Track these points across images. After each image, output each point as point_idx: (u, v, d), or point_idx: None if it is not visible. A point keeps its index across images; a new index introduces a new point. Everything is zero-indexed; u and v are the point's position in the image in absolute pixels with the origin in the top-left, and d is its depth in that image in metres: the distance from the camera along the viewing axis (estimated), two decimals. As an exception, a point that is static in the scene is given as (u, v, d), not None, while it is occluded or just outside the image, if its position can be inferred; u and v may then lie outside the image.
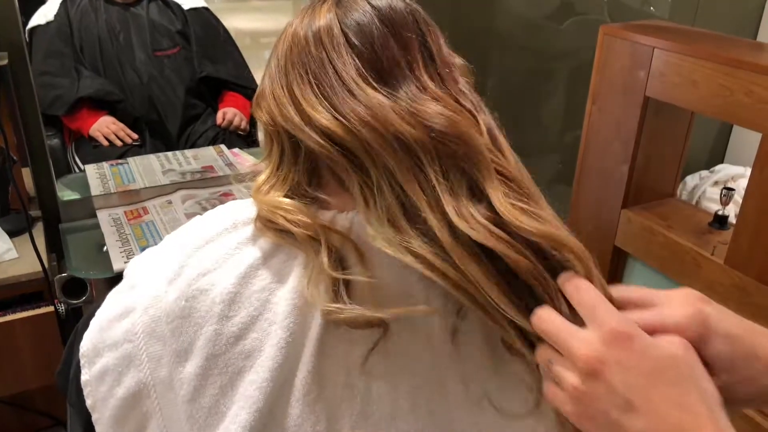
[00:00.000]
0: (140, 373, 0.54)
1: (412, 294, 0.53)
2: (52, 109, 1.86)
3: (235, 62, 2.14)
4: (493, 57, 2.20)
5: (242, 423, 0.52)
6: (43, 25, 1.89)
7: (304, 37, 0.57)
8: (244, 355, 0.53)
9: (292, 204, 0.54)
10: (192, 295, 0.54)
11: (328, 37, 0.56)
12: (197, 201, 1.59)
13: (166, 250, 0.59)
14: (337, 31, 0.56)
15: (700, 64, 1.43)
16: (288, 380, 0.52)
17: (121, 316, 0.56)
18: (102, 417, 0.56)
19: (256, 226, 0.56)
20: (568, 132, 2.43)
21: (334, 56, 0.55)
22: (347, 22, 0.56)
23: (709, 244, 1.53)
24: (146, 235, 1.43)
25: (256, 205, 0.57)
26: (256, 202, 0.57)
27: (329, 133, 0.52)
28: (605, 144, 1.71)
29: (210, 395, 0.53)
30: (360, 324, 0.51)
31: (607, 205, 1.74)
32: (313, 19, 0.57)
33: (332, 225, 0.54)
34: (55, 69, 1.87)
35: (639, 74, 1.57)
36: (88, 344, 0.58)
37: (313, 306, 0.52)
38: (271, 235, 0.55)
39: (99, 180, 1.63)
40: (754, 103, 1.33)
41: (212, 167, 1.73)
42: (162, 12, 2.03)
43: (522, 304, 0.48)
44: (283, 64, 0.58)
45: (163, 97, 1.99)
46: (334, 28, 0.56)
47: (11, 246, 1.51)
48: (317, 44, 0.56)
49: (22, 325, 1.44)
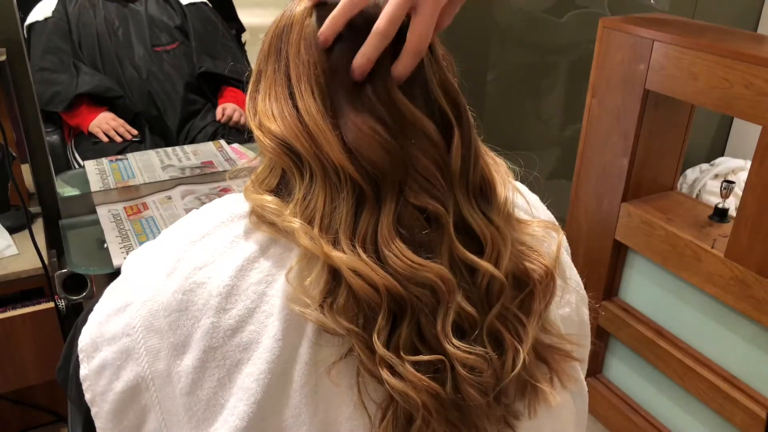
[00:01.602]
0: (138, 367, 0.54)
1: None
2: (51, 105, 1.86)
3: (235, 57, 2.14)
4: (493, 51, 2.20)
5: (240, 415, 0.52)
6: (41, 21, 1.89)
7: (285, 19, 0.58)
8: (242, 347, 0.52)
9: (275, 201, 0.55)
10: (189, 288, 0.54)
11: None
12: (197, 196, 1.59)
13: (162, 244, 0.59)
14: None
15: (700, 56, 1.43)
16: (286, 371, 0.52)
17: (119, 310, 0.56)
18: (101, 411, 0.56)
19: (251, 220, 0.56)
20: (568, 125, 2.42)
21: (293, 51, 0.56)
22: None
23: (710, 237, 1.53)
24: (146, 230, 1.43)
25: (248, 201, 0.57)
26: (246, 199, 0.57)
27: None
28: (605, 137, 1.71)
29: (208, 388, 0.53)
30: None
31: (607, 199, 1.74)
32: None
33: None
34: (54, 65, 1.86)
35: (639, 67, 1.57)
36: (87, 339, 0.58)
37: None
38: (266, 228, 0.55)
39: (98, 176, 1.63)
40: (754, 95, 1.33)
41: (212, 162, 1.73)
42: (161, 7, 2.03)
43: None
44: (265, 49, 0.59)
45: (163, 93, 1.99)
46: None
47: (11, 242, 1.51)
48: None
49: (23, 321, 1.44)
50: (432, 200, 0.53)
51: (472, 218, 0.54)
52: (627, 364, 1.86)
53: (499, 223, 0.56)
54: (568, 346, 0.60)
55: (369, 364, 0.50)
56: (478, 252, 0.54)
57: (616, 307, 1.79)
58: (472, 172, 0.56)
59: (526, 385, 0.57)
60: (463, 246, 0.53)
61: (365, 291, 0.50)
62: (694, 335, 1.63)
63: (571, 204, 1.87)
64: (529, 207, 0.66)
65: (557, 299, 0.62)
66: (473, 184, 0.56)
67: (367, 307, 0.50)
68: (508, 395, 0.56)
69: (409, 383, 0.50)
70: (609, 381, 1.94)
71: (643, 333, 1.71)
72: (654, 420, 1.80)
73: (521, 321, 0.55)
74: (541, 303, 0.56)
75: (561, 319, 0.63)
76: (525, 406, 0.57)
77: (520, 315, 0.55)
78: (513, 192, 0.60)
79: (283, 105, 0.55)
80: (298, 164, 0.54)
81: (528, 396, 0.57)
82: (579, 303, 0.67)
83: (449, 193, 0.54)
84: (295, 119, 0.54)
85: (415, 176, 0.53)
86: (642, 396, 1.84)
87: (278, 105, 0.56)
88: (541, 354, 0.58)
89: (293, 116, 0.54)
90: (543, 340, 0.58)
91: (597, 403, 1.92)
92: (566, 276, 0.65)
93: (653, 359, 1.70)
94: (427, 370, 0.51)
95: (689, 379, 1.60)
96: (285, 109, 0.55)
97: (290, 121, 0.54)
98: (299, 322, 0.52)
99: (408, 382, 0.50)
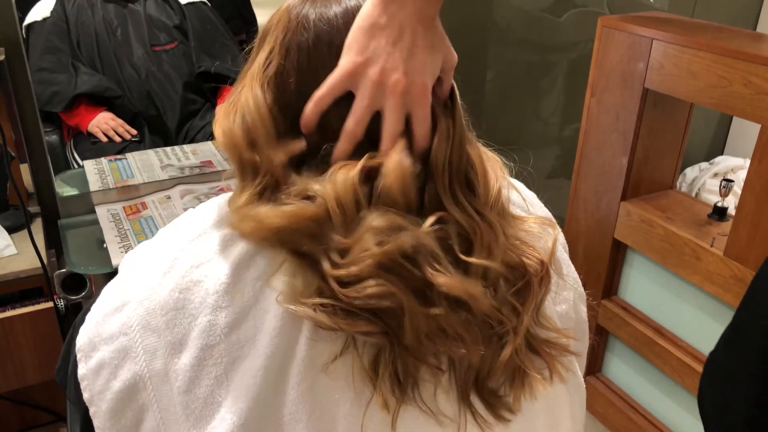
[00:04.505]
0: (136, 366, 0.54)
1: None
2: (50, 105, 1.86)
3: (234, 57, 2.14)
4: (492, 49, 2.20)
5: (238, 412, 0.52)
6: (40, 21, 1.89)
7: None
8: (239, 344, 0.53)
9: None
10: (186, 286, 0.54)
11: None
12: (196, 196, 1.59)
13: (159, 243, 0.59)
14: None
15: (698, 55, 1.42)
16: (283, 368, 0.52)
17: (116, 309, 0.56)
18: (99, 410, 0.56)
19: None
20: (567, 124, 2.42)
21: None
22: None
23: (709, 235, 1.53)
24: (145, 230, 1.43)
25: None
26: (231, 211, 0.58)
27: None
28: (604, 136, 1.71)
29: (205, 386, 0.53)
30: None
31: (607, 198, 1.74)
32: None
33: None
34: (52, 65, 1.86)
35: (638, 66, 1.57)
36: (84, 338, 0.58)
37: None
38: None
39: (98, 176, 1.63)
40: (753, 94, 1.33)
41: (211, 162, 1.73)
42: (159, 7, 2.03)
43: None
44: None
45: (162, 93, 1.99)
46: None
47: (10, 242, 1.51)
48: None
49: (22, 321, 1.44)
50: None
51: (458, 214, 0.55)
52: (626, 363, 1.86)
53: (490, 216, 0.56)
54: (564, 340, 0.60)
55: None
56: (467, 250, 0.54)
57: (616, 306, 1.79)
58: (456, 164, 0.56)
59: (520, 377, 0.57)
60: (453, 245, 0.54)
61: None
62: (694, 334, 1.63)
63: (570, 203, 1.87)
64: (526, 204, 0.66)
65: (554, 295, 0.62)
66: (458, 176, 0.56)
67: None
68: (502, 386, 0.57)
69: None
70: (608, 380, 1.94)
71: (642, 332, 1.71)
72: (653, 418, 1.80)
73: (516, 309, 0.55)
74: (537, 295, 0.57)
75: (558, 316, 0.63)
76: (518, 398, 0.57)
77: (516, 303, 0.55)
78: (508, 188, 0.60)
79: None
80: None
81: (521, 388, 0.57)
82: (576, 300, 0.67)
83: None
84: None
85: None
86: (641, 394, 1.84)
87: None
88: (536, 348, 0.58)
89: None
90: (539, 334, 0.58)
91: (596, 401, 1.92)
92: (563, 273, 0.65)
93: (652, 358, 1.70)
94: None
95: (688, 378, 1.60)
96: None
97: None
98: (295, 319, 0.52)
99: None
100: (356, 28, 0.54)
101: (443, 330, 0.52)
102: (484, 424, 0.56)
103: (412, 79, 0.54)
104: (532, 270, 0.56)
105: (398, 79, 0.53)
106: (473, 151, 0.58)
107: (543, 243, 0.59)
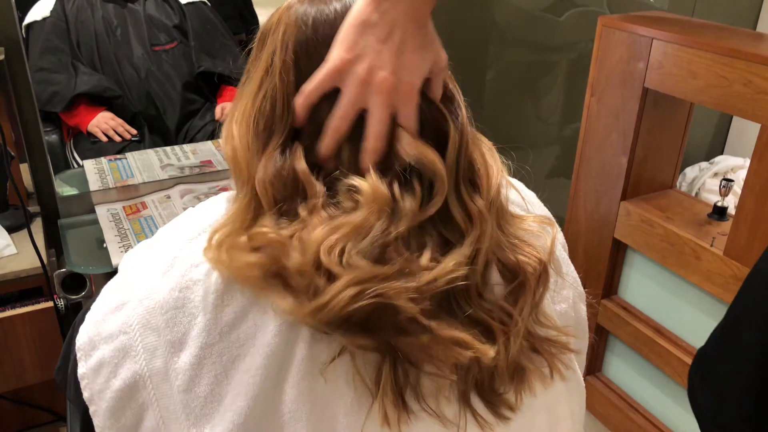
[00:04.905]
0: (136, 365, 0.54)
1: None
2: (50, 105, 1.86)
3: (234, 57, 2.14)
4: (492, 49, 2.19)
5: (238, 410, 0.52)
6: (39, 21, 1.89)
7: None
8: (239, 343, 0.53)
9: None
10: (185, 285, 0.54)
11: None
12: (196, 195, 1.59)
13: (159, 242, 0.59)
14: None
15: (698, 54, 1.42)
16: (283, 367, 0.52)
17: (116, 308, 0.56)
18: (99, 409, 0.56)
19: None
20: (567, 124, 2.42)
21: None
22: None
23: (709, 235, 1.53)
24: (145, 229, 1.43)
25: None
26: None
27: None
28: (604, 136, 1.71)
29: (205, 384, 0.53)
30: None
31: (607, 197, 1.74)
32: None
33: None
34: (52, 65, 1.86)
35: (638, 65, 1.57)
36: (84, 338, 0.57)
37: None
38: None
39: (97, 175, 1.63)
40: (753, 93, 1.33)
41: (211, 162, 1.73)
42: (159, 7, 2.03)
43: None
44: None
45: (162, 92, 1.99)
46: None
47: (10, 242, 1.51)
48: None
49: (22, 320, 1.44)
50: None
51: (458, 212, 0.55)
52: (626, 363, 1.86)
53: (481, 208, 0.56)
54: (564, 338, 0.60)
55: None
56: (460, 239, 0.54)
57: (616, 306, 1.79)
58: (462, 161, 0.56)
59: (520, 375, 0.57)
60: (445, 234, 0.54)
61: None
62: (693, 333, 1.63)
63: (570, 202, 1.87)
64: (525, 203, 0.66)
65: (553, 294, 0.62)
66: (462, 171, 0.56)
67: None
68: (502, 385, 0.57)
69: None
70: (608, 379, 1.94)
71: (642, 331, 1.71)
72: (653, 418, 1.80)
73: (508, 312, 0.55)
74: (535, 295, 0.57)
75: (557, 315, 0.63)
76: (519, 396, 0.58)
77: (507, 306, 0.55)
78: (507, 187, 0.61)
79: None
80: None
81: (521, 386, 0.57)
82: (576, 299, 0.67)
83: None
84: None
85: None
86: (641, 394, 1.84)
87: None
88: (536, 346, 0.58)
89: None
90: (538, 333, 0.58)
91: (596, 401, 1.92)
92: (562, 272, 0.65)
93: (652, 357, 1.70)
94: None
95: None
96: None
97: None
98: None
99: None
100: (347, 25, 0.54)
101: (438, 342, 0.52)
102: (484, 424, 0.56)
103: (400, 77, 0.53)
104: (530, 270, 0.56)
105: (385, 78, 0.53)
106: (477, 152, 0.58)
107: (542, 242, 0.60)
